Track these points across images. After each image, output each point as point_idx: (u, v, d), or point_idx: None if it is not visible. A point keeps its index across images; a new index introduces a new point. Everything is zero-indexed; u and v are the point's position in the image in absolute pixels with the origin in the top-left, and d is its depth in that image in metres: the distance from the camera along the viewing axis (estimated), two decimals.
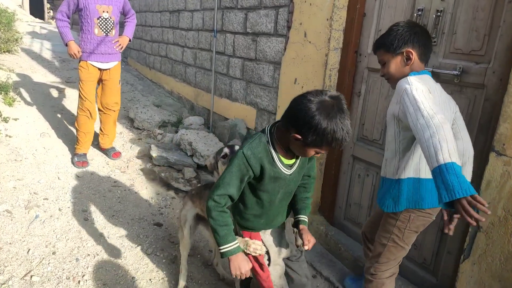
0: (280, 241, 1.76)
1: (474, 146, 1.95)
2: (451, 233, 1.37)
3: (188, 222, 2.16)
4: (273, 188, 1.57)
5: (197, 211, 2.17)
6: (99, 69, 3.52)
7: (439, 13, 2.14)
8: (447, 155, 1.31)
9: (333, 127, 1.30)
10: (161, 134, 4.41)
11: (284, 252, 1.77)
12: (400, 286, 2.26)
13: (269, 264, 1.70)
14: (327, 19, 2.68)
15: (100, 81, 3.61)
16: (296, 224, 1.70)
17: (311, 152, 1.42)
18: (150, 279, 2.32)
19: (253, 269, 1.68)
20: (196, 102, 5.03)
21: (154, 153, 3.71)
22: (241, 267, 1.50)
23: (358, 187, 2.73)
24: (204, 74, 4.77)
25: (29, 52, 7.39)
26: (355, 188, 2.76)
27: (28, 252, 2.37)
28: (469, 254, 1.85)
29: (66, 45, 3.36)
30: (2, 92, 4.35)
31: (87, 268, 2.33)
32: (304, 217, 1.71)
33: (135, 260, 2.46)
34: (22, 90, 4.86)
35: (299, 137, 1.36)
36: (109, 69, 3.55)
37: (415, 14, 2.25)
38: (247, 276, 1.54)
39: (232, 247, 1.51)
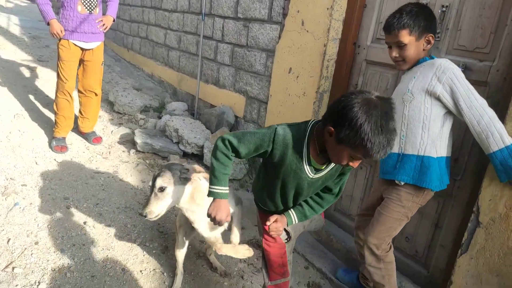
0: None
1: (475, 143, 1.98)
2: None
3: (183, 227, 2.07)
4: (288, 181, 1.53)
5: None
6: (81, 48, 3.32)
7: (444, 9, 2.13)
8: (510, 137, 1.58)
9: (370, 126, 1.18)
10: (143, 119, 4.25)
11: (302, 230, 1.81)
12: None
13: (287, 241, 1.70)
14: (328, 8, 2.62)
15: (81, 61, 3.40)
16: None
17: (344, 155, 1.31)
18: (140, 271, 2.23)
19: (269, 246, 1.68)
20: (180, 87, 4.88)
21: (138, 139, 3.57)
22: (218, 212, 1.49)
23: (351, 179, 2.73)
24: (189, 59, 4.62)
25: None
26: (348, 180, 2.75)
27: (8, 242, 2.22)
28: (467, 249, 1.89)
29: (48, 23, 3.13)
30: None
31: (73, 259, 2.21)
32: (292, 213, 1.64)
33: (124, 251, 2.36)
34: None
35: (333, 129, 1.28)
36: (92, 49, 3.35)
37: None
38: (219, 225, 1.53)
39: (222, 191, 1.50)
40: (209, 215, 1.51)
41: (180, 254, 2.12)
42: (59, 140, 3.39)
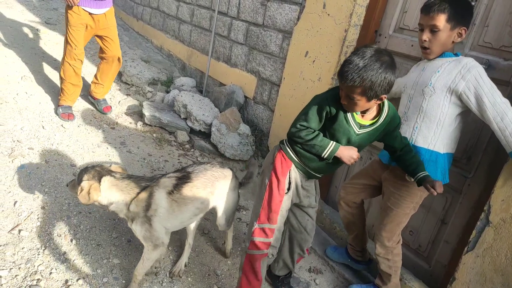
0: (307, 188, 1.87)
1: (490, 143, 1.98)
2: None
3: None
4: (340, 137, 1.64)
5: None
6: (90, 14, 3.24)
7: (473, 3, 2.08)
8: None
9: (353, 54, 1.47)
10: (151, 92, 4.20)
11: (301, 199, 1.88)
12: None
13: (287, 192, 1.78)
14: None
15: (98, 34, 3.34)
16: (421, 182, 1.73)
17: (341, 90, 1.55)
18: None
19: (270, 187, 1.76)
20: (189, 63, 4.81)
21: (146, 112, 3.53)
22: (351, 155, 1.66)
23: (359, 168, 2.73)
24: (200, 34, 4.54)
25: None
26: (356, 169, 2.75)
27: (14, 204, 2.22)
28: (473, 247, 1.90)
29: None
30: None
31: (79, 226, 2.21)
32: (425, 172, 1.74)
33: None
34: None
35: None
36: (104, 14, 3.27)
37: None
38: (360, 158, 1.72)
39: (332, 147, 1.65)
40: (351, 164, 1.70)
41: (192, 224, 2.12)
42: (65, 107, 3.34)
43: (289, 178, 1.77)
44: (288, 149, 1.76)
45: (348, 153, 1.65)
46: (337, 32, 2.70)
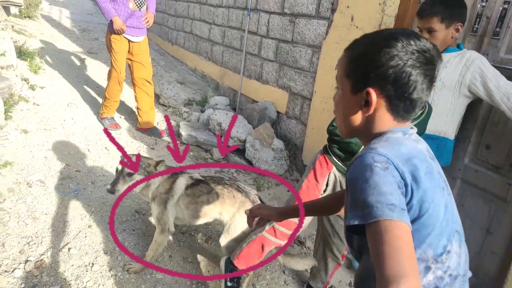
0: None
1: None
2: None
3: None
4: None
5: None
6: (129, 41, 3.48)
7: (506, 5, 2.04)
8: None
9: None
10: (187, 112, 4.35)
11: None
12: None
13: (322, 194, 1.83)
14: (380, 4, 2.57)
15: (130, 58, 3.58)
16: None
17: None
18: (188, 260, 2.30)
19: (306, 187, 1.82)
20: (222, 82, 4.95)
21: (183, 131, 3.66)
22: None
23: None
24: (232, 54, 4.67)
25: (49, 19, 7.29)
26: None
27: (64, 224, 2.36)
28: None
29: (110, 21, 3.30)
30: (28, 59, 4.29)
31: (124, 243, 2.31)
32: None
33: (170, 239, 2.44)
34: (46, 58, 4.80)
35: None
36: (139, 42, 3.51)
37: (478, 5, 2.15)
38: None
39: None
40: None
41: None
42: (110, 119, 3.70)
43: (328, 180, 1.80)
44: (330, 153, 1.82)
45: None
46: None
